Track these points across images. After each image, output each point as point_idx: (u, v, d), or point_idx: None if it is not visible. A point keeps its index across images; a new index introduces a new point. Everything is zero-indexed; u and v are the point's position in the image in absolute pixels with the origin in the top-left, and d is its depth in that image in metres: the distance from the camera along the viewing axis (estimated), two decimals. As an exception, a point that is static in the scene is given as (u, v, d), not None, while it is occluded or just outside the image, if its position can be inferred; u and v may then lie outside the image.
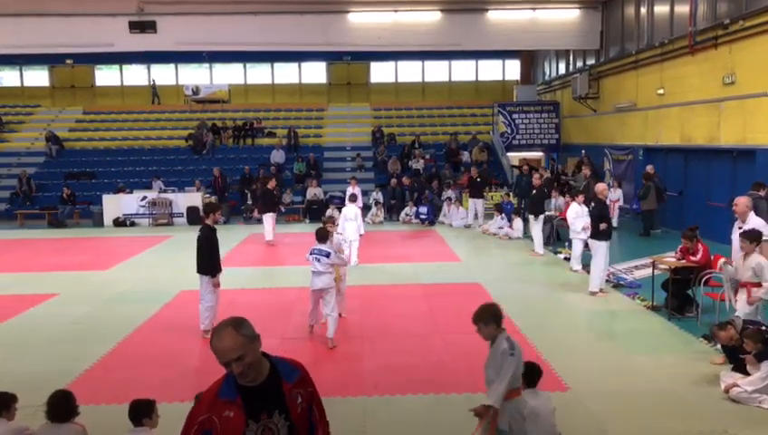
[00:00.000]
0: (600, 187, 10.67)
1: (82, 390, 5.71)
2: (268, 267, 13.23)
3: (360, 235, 12.86)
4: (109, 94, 30.76)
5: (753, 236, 7.04)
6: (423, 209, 19.05)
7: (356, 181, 17.18)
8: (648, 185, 15.85)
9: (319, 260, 7.90)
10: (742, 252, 7.10)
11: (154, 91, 29.29)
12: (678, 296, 8.95)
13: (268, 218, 15.77)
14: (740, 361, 6.32)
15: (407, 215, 19.48)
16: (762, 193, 9.95)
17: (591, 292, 10.16)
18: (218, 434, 2.70)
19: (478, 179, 18.54)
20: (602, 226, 10.09)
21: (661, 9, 17.14)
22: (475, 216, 18.31)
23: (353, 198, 13.94)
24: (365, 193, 21.14)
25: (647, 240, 15.11)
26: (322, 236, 8.08)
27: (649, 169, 16.37)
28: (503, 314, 4.61)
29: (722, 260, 7.81)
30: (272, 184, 16.46)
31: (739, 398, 5.98)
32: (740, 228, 7.57)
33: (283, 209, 20.12)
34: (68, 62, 29.50)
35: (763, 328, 6.30)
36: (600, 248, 10.15)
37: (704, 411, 5.90)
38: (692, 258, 8.87)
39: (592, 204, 10.57)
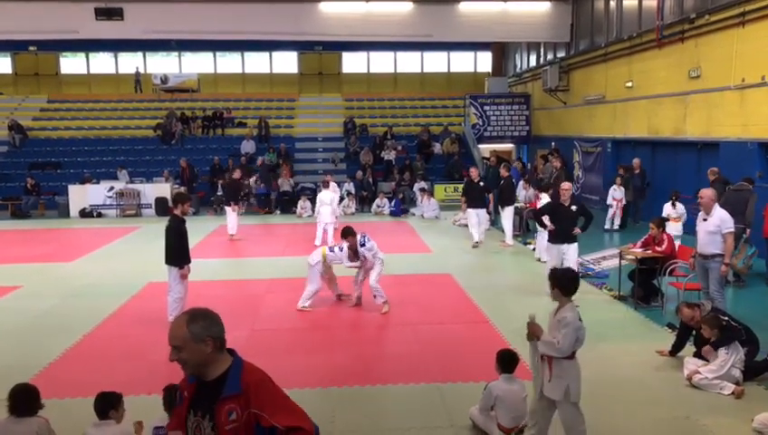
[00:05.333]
0: (565, 186, 9.60)
1: (46, 384, 5.59)
2: (238, 259, 13.11)
3: (336, 217, 14.34)
4: (74, 82, 30.05)
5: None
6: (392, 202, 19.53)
7: (331, 177, 16.61)
8: (626, 177, 15.93)
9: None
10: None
11: (137, 79, 28.64)
12: (644, 286, 9.12)
13: (230, 211, 14.91)
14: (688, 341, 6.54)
15: (378, 206, 19.52)
16: (751, 187, 10.30)
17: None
18: (183, 404, 2.81)
19: (481, 183, 13.96)
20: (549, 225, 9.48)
21: (630, 3, 17.35)
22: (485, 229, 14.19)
23: (327, 184, 14.67)
24: (338, 184, 21.08)
25: (620, 232, 15.29)
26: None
27: (635, 162, 15.90)
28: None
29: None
30: (237, 174, 15.96)
31: (700, 384, 6.12)
32: (704, 220, 7.71)
33: (252, 201, 20.01)
34: (31, 48, 28.75)
35: (722, 316, 6.46)
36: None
37: (667, 398, 6.02)
38: (657, 249, 9.04)
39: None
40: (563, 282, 4.77)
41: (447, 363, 6.95)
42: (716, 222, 7.56)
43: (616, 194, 15.74)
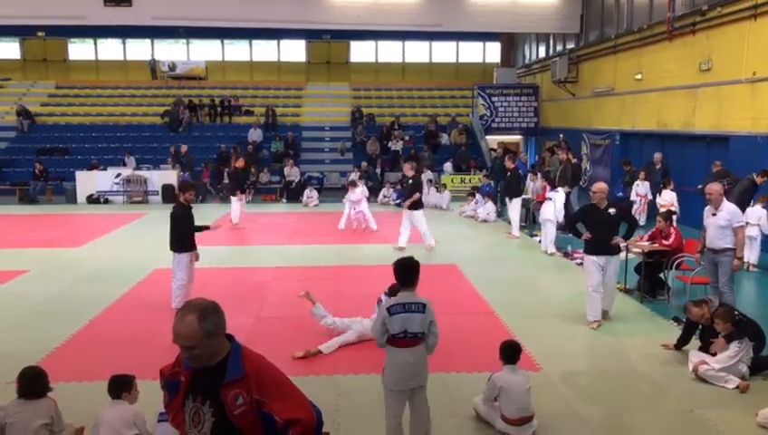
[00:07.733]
0: (596, 187, 7.95)
1: (52, 368, 5.60)
2: (244, 247, 13.14)
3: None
4: (82, 69, 30.01)
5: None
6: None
7: (357, 182, 16.10)
8: (633, 171, 15.71)
9: None
10: None
11: (153, 66, 28.58)
12: (650, 279, 9.09)
13: (235, 200, 15.07)
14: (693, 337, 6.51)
15: (384, 196, 19.50)
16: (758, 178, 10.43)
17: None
18: (181, 390, 2.80)
19: (410, 181, 12.39)
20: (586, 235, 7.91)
21: (641, -6, 17.22)
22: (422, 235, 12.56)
23: (353, 184, 14.74)
24: (342, 174, 21.12)
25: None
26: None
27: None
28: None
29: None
30: (240, 163, 15.97)
31: (706, 375, 6.10)
32: (713, 214, 7.65)
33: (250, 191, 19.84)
34: (39, 34, 28.73)
35: (735, 311, 6.43)
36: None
37: (672, 392, 6.01)
38: (664, 242, 9.00)
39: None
40: (397, 270, 4.63)
41: (451, 354, 6.93)
42: (726, 216, 7.49)
43: (640, 189, 15.05)
